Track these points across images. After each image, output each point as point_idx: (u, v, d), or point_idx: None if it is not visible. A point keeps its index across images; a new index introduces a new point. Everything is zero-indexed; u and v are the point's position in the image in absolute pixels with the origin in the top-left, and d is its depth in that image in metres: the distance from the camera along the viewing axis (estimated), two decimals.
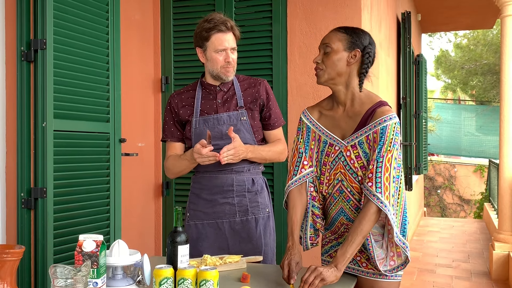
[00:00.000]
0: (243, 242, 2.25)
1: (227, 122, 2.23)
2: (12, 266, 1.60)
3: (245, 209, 2.26)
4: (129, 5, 3.46)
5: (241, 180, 2.25)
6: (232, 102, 2.26)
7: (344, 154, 1.82)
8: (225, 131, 2.21)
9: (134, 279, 1.70)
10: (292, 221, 1.88)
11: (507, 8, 5.20)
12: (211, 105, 2.27)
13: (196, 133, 2.25)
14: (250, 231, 2.25)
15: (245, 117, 2.25)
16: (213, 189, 2.26)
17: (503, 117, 5.26)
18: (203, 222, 2.28)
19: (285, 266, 1.73)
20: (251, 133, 2.26)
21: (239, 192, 2.25)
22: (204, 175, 2.29)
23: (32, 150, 2.41)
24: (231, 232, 2.25)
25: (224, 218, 2.26)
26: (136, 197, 3.59)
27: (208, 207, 2.27)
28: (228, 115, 2.24)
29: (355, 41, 1.82)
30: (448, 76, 18.06)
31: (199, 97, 2.29)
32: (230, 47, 2.21)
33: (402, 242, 1.78)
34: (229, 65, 2.22)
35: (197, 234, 2.28)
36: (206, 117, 2.25)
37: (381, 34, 4.46)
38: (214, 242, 2.25)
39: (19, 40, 2.42)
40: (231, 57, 2.22)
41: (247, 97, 2.28)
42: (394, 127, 1.76)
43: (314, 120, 1.92)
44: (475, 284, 4.96)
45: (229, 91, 2.29)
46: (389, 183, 1.73)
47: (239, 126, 2.23)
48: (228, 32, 2.21)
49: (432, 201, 13.93)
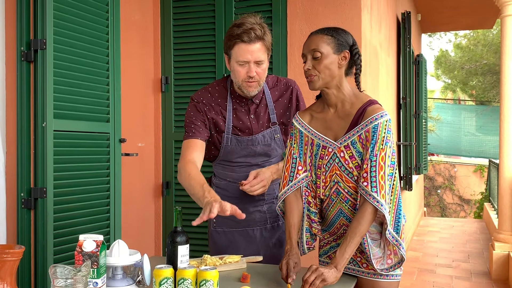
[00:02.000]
0: (275, 247, 2.22)
1: (262, 142, 2.14)
2: (12, 266, 1.60)
3: (275, 215, 2.22)
4: (129, 5, 3.46)
5: (270, 188, 2.19)
6: (265, 117, 2.14)
7: (338, 155, 1.82)
8: (259, 150, 2.14)
9: (134, 279, 1.70)
10: (289, 225, 1.88)
11: (507, 8, 5.20)
12: (244, 121, 2.13)
13: (226, 150, 2.15)
14: (280, 236, 2.23)
15: (278, 135, 2.16)
16: (243, 199, 2.15)
17: (503, 117, 5.26)
18: (232, 230, 2.21)
19: (283, 266, 1.73)
20: (282, 148, 2.20)
21: (269, 200, 2.22)
22: (233, 184, 2.18)
23: (32, 150, 2.41)
24: (262, 238, 2.22)
25: (254, 226, 2.21)
26: (136, 197, 3.59)
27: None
28: (263, 135, 2.13)
29: (341, 42, 1.80)
30: (448, 76, 18.07)
31: (230, 108, 2.11)
32: (254, 60, 1.99)
33: (395, 239, 1.78)
34: (251, 79, 2.01)
35: (227, 241, 2.22)
36: (240, 138, 2.11)
37: (381, 34, 4.46)
38: (245, 250, 2.18)
39: (19, 40, 2.42)
40: (255, 70, 2.00)
41: (279, 110, 2.16)
42: (385, 124, 1.76)
43: (306, 124, 1.91)
44: (475, 284, 4.96)
45: (261, 103, 2.14)
46: (384, 182, 1.73)
47: (272, 145, 2.16)
48: (254, 42, 1.97)
49: (432, 201, 13.93)
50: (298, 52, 3.48)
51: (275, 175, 2.14)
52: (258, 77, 2.03)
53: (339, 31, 1.82)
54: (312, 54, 1.79)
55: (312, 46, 1.79)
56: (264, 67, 2.04)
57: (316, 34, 1.81)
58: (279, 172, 2.15)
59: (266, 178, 2.08)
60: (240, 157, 2.15)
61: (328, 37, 1.79)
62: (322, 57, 1.78)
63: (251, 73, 2.00)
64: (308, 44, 1.81)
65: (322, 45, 1.78)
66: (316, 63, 1.79)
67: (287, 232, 1.87)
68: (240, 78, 2.03)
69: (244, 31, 1.97)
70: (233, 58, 2.02)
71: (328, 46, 1.78)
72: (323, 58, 1.78)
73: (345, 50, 1.80)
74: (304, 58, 1.83)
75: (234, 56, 2.02)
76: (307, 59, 1.81)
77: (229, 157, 2.17)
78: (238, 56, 2.00)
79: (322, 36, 1.79)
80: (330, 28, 1.82)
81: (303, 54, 1.83)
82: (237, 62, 2.01)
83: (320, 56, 1.78)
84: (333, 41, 1.79)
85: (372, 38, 3.92)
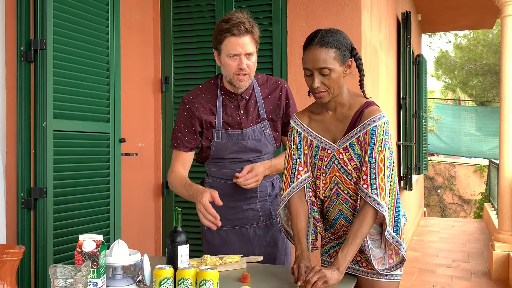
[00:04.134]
0: (269, 246, 2.23)
1: (252, 137, 2.16)
2: (12, 266, 1.60)
3: (268, 213, 2.24)
4: (129, 5, 3.46)
5: (263, 185, 2.21)
6: (254, 113, 2.17)
7: (337, 157, 1.81)
8: (249, 146, 2.16)
9: (134, 279, 1.70)
10: (297, 229, 1.86)
11: (507, 8, 5.20)
12: (233, 116, 2.15)
13: (217, 146, 2.16)
14: (275, 234, 2.24)
15: (268, 130, 2.18)
16: (236, 197, 2.19)
17: (503, 117, 5.26)
18: (226, 229, 2.22)
19: (295, 270, 1.73)
20: (273, 144, 2.22)
21: (261, 197, 2.23)
22: (225, 182, 2.20)
23: (32, 150, 2.41)
24: (255, 237, 2.23)
25: (248, 224, 2.22)
26: (136, 197, 3.59)
27: (231, 214, 2.20)
28: (253, 129, 2.16)
29: (344, 52, 1.76)
30: (448, 77, 18.08)
31: (220, 105, 2.15)
32: (245, 52, 2.03)
33: (395, 240, 1.79)
34: (242, 71, 2.05)
35: (221, 241, 2.23)
36: (230, 132, 2.14)
37: (381, 34, 4.46)
38: (240, 248, 2.20)
39: (19, 40, 2.42)
40: (245, 63, 2.04)
41: (269, 106, 2.19)
42: (383, 126, 1.76)
43: (305, 125, 1.90)
44: (475, 284, 4.96)
45: (250, 99, 2.17)
46: (384, 183, 1.73)
47: (262, 140, 2.18)
48: (243, 35, 2.02)
49: (432, 201, 13.93)
50: (298, 52, 3.48)
51: (267, 171, 2.16)
52: (249, 70, 2.07)
53: (340, 39, 1.76)
54: (320, 72, 1.74)
55: (320, 64, 1.72)
56: (254, 60, 2.09)
57: (320, 48, 1.73)
58: (271, 168, 2.18)
59: (260, 172, 2.11)
60: (231, 153, 2.17)
61: (333, 50, 1.73)
62: (331, 73, 1.73)
63: (242, 66, 2.04)
64: (314, 60, 1.73)
65: (329, 61, 1.72)
66: (324, 79, 1.74)
67: (296, 237, 1.85)
68: (231, 71, 2.06)
69: (233, 24, 2.01)
70: (224, 52, 2.06)
71: (334, 60, 1.73)
72: (331, 74, 1.73)
73: (349, 59, 1.78)
74: (307, 72, 1.77)
75: (224, 50, 2.05)
76: (313, 74, 1.75)
77: (220, 153, 2.18)
78: (228, 50, 2.04)
79: (327, 50, 1.73)
80: (331, 37, 1.75)
81: (307, 68, 1.76)
82: (227, 56, 2.05)
83: (329, 73, 1.73)
84: (338, 53, 1.74)
85: (372, 38, 3.93)
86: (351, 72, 1.81)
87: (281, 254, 2.23)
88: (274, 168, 2.19)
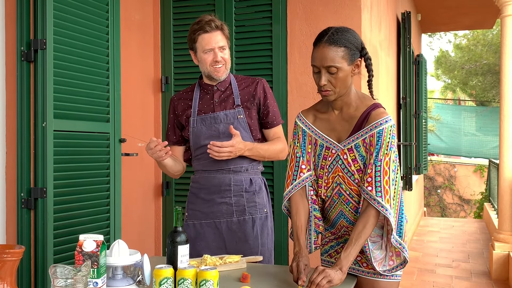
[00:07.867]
0: (240, 242, 2.25)
1: (224, 120, 2.24)
2: (12, 266, 1.60)
3: (242, 209, 2.26)
4: (129, 5, 3.46)
5: (238, 180, 2.26)
6: (229, 101, 2.27)
7: (341, 157, 1.81)
8: (222, 129, 2.23)
9: (134, 279, 1.70)
10: (296, 227, 1.87)
11: (507, 8, 5.20)
12: (208, 104, 2.29)
13: (194, 132, 2.28)
14: (246, 231, 2.26)
15: (241, 115, 2.25)
16: (211, 189, 2.27)
17: (503, 117, 5.26)
18: (201, 222, 2.29)
19: (293, 268, 1.73)
20: (248, 132, 2.26)
21: (236, 192, 2.26)
22: (203, 175, 2.31)
23: (32, 150, 2.41)
24: (228, 232, 2.26)
25: (221, 218, 2.27)
26: (136, 197, 3.59)
27: (206, 207, 2.28)
28: (225, 113, 2.25)
29: (354, 51, 1.75)
30: (448, 77, 18.07)
31: (197, 97, 2.31)
32: (217, 46, 2.21)
33: (399, 243, 1.79)
34: (218, 63, 2.22)
35: (195, 233, 2.29)
36: (203, 116, 2.27)
37: (381, 34, 4.46)
38: (212, 241, 2.26)
39: (19, 40, 2.42)
40: (220, 55, 2.22)
41: (244, 96, 2.29)
42: (390, 130, 1.76)
43: (310, 124, 1.90)
44: (475, 284, 4.96)
45: (226, 90, 2.30)
46: (388, 186, 1.74)
47: (236, 124, 2.24)
48: (214, 31, 2.21)
49: (432, 201, 13.93)
50: (298, 52, 3.48)
51: (247, 152, 2.20)
52: (224, 61, 2.24)
53: (350, 38, 1.74)
54: (328, 70, 1.73)
55: (328, 63, 1.71)
56: (227, 53, 2.26)
57: (329, 47, 1.72)
58: (253, 150, 2.22)
59: (236, 146, 2.14)
60: (206, 139, 2.24)
61: (342, 49, 1.72)
62: (338, 72, 1.73)
63: (217, 58, 2.21)
64: (322, 58, 1.73)
65: (337, 60, 1.71)
66: (331, 78, 1.74)
67: (295, 234, 1.86)
68: (208, 63, 2.23)
69: (205, 23, 2.21)
70: (199, 49, 2.24)
71: (342, 59, 1.72)
72: (338, 72, 1.73)
73: (358, 59, 1.77)
74: (315, 69, 1.76)
75: (199, 47, 2.23)
76: (320, 71, 1.75)
77: (197, 142, 2.28)
78: (203, 46, 2.22)
79: (336, 49, 1.71)
80: (341, 36, 1.73)
81: (315, 66, 1.76)
82: (203, 52, 2.23)
83: (336, 71, 1.73)
84: (347, 52, 1.72)
85: (372, 38, 3.93)
86: (359, 72, 1.80)
87: (253, 252, 2.23)
88: (256, 151, 2.23)
